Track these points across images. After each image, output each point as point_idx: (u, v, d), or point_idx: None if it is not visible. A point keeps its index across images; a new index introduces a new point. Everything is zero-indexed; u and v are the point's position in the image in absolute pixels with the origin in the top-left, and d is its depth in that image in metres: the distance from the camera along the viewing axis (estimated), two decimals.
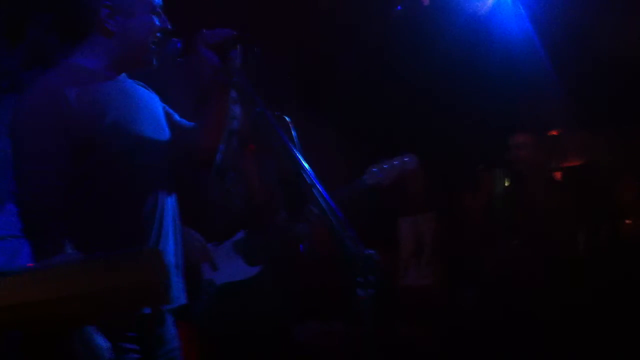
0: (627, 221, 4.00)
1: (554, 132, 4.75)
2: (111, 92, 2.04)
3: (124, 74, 2.15)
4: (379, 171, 3.35)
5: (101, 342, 1.84)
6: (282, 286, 3.40)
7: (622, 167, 4.30)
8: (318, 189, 1.75)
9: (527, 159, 3.89)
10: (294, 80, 4.75)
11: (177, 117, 2.28)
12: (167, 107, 2.28)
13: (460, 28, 4.35)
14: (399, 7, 4.32)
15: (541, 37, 4.38)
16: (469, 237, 4.36)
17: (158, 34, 2.09)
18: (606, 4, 4.35)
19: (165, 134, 2.18)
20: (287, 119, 3.15)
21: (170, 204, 2.15)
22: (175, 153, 2.18)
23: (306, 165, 1.80)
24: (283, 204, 3.42)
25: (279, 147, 1.86)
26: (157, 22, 2.09)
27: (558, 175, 4.45)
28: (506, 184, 6.06)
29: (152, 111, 2.18)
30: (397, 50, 4.76)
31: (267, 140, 1.86)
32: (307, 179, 1.77)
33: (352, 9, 4.45)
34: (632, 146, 5.14)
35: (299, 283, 3.78)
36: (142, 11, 2.05)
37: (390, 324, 4.10)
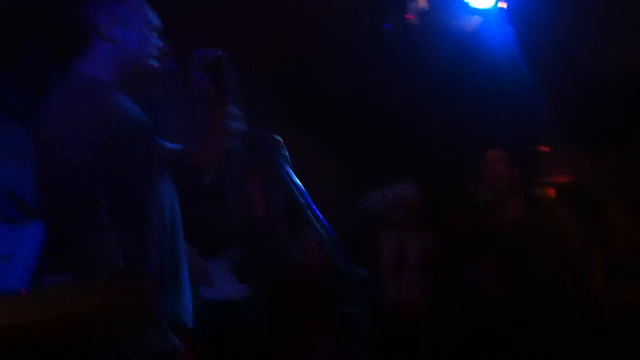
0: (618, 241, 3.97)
1: (545, 148, 4.77)
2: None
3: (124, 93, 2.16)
4: (380, 198, 3.36)
5: None
6: (272, 307, 3.39)
7: (610, 186, 4.32)
8: (311, 208, 1.76)
9: (501, 174, 3.90)
10: (287, 99, 4.77)
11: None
12: None
13: (449, 46, 4.40)
14: (389, 26, 4.36)
15: (528, 55, 4.43)
16: (458, 253, 4.36)
17: (156, 51, 2.11)
18: (593, 23, 4.40)
19: None
20: (279, 138, 3.17)
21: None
22: None
23: (300, 184, 1.81)
24: (286, 225, 3.42)
25: (272, 167, 1.87)
26: (155, 39, 2.12)
27: (547, 191, 4.46)
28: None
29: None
30: (387, 68, 4.80)
31: (264, 160, 1.87)
32: (300, 199, 1.78)
33: (344, 27, 4.48)
34: (620, 165, 5.18)
35: (291, 305, 3.77)
36: (138, 25, 2.10)
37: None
